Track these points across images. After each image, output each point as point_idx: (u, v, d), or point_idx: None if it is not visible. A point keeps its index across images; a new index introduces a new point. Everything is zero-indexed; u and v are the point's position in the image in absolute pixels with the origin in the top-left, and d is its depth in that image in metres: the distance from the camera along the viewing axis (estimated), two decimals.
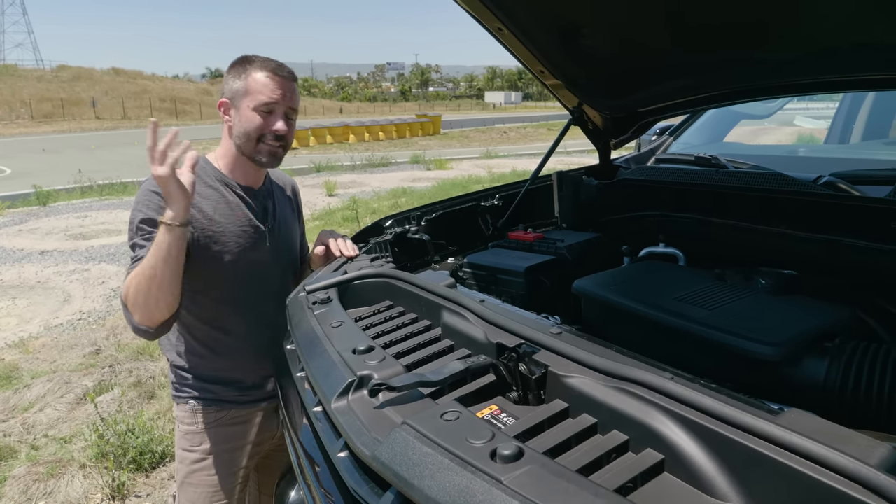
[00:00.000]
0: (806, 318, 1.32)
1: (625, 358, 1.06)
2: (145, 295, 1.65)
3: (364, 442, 0.98)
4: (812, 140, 4.73)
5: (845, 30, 1.61)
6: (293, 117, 1.90)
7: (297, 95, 1.91)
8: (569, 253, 1.99)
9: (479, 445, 0.86)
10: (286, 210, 2.11)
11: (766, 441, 0.80)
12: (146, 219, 1.77)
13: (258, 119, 1.82)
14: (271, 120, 1.83)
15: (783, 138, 5.11)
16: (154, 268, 1.63)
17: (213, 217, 1.86)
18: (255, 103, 1.81)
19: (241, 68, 1.85)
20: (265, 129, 1.83)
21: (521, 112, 65.66)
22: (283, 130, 1.84)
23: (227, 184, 1.93)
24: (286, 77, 1.86)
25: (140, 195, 1.83)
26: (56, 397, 4.36)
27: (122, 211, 11.56)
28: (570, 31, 2.05)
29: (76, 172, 15.61)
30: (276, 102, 1.82)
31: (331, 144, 26.00)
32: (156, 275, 1.63)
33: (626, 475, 0.86)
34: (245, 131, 1.84)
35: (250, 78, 1.83)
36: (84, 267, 7.87)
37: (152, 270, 1.63)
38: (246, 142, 1.85)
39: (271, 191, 2.07)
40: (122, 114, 51.33)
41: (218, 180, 1.92)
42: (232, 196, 1.92)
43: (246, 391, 2.01)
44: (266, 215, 2.00)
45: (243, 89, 1.83)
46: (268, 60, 1.86)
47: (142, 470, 3.49)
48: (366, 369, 1.14)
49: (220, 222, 1.87)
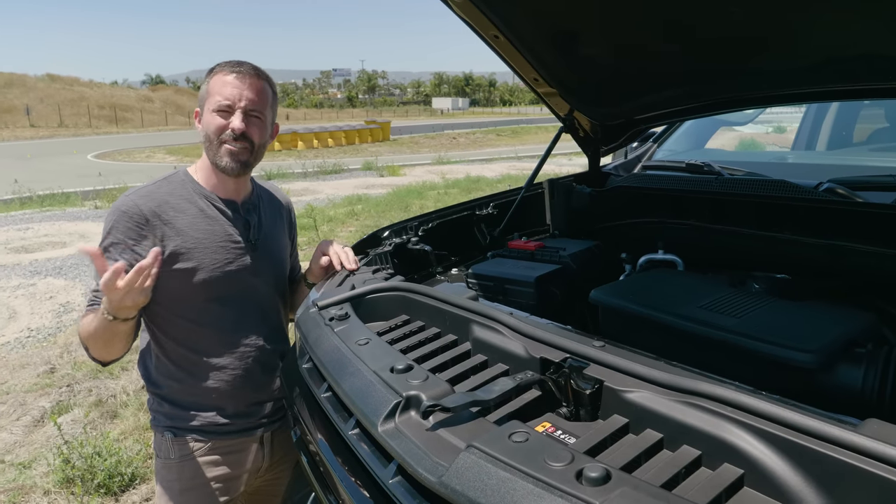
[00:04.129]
0: (835, 324, 1.33)
1: (683, 370, 1.05)
2: (97, 346, 1.74)
3: (427, 467, 0.93)
4: (754, 144, 4.86)
5: (845, 40, 1.64)
6: (258, 115, 1.79)
7: (264, 91, 1.80)
8: (573, 261, 1.98)
9: (561, 468, 0.83)
10: (275, 226, 2.02)
11: (854, 452, 0.79)
12: (117, 242, 1.73)
13: (217, 120, 1.75)
14: (229, 119, 1.75)
15: (725, 143, 5.23)
16: (97, 338, 1.71)
17: (187, 233, 1.78)
18: (213, 105, 1.75)
19: (207, 76, 1.81)
20: (223, 130, 1.75)
21: (469, 118, 66.09)
22: (240, 128, 1.74)
23: (206, 196, 1.85)
24: (245, 72, 1.77)
25: (112, 211, 1.77)
26: (11, 420, 4.13)
27: (66, 222, 11.11)
28: (567, 38, 2.06)
29: (13, 183, 14.95)
30: (232, 100, 1.74)
31: (279, 152, 25.56)
32: (102, 342, 1.72)
33: (710, 491, 0.84)
34: (206, 135, 1.78)
35: (211, 81, 1.78)
36: (29, 281, 7.51)
37: (95, 338, 1.71)
38: (209, 146, 1.79)
39: (258, 205, 1.98)
40: (59, 121, 49.53)
41: (196, 193, 1.84)
42: (211, 209, 1.84)
43: (228, 419, 1.90)
44: (249, 229, 1.91)
45: (206, 94, 1.78)
46: (229, 62, 1.80)
47: (111, 494, 3.33)
48: (410, 389, 1.10)
49: (196, 237, 1.79)
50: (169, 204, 1.79)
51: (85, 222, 10.98)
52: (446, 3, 1.97)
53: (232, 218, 1.87)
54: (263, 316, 1.94)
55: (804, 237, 1.77)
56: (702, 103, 2.14)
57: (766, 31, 1.70)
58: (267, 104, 1.81)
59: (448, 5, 1.99)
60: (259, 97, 1.78)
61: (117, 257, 1.67)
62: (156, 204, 1.77)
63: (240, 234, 1.87)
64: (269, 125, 1.85)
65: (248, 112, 1.76)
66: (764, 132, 5.16)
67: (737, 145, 4.78)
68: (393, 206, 11.85)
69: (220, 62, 1.81)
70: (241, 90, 1.74)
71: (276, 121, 1.92)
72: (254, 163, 1.85)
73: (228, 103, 1.74)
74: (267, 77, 1.83)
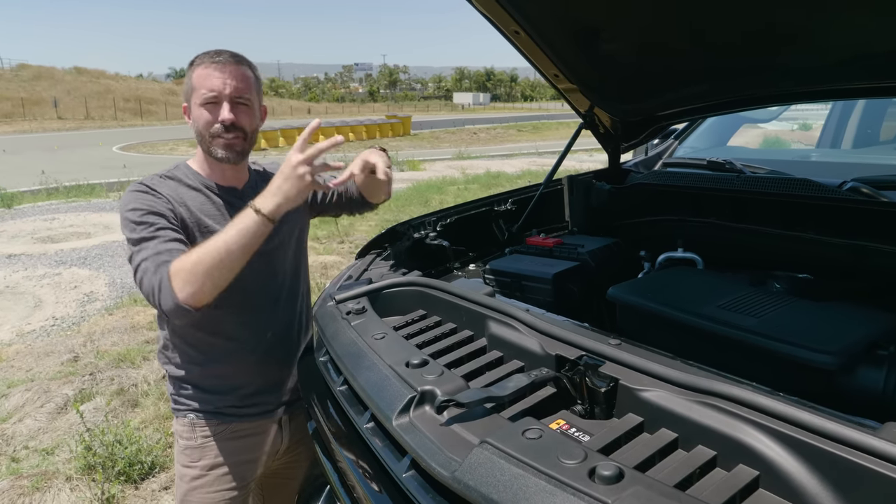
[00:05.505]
0: (856, 325, 1.32)
1: (700, 370, 1.04)
2: (210, 272, 1.57)
3: (440, 462, 0.94)
4: (778, 142, 4.79)
5: (869, 37, 1.61)
6: (245, 102, 1.77)
7: (247, 77, 1.78)
8: (591, 258, 1.97)
9: (574, 465, 0.83)
10: None
11: (873, 456, 0.78)
12: (151, 211, 1.70)
13: (206, 114, 1.74)
14: (217, 111, 1.74)
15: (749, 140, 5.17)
16: (231, 252, 1.57)
17: (200, 218, 1.80)
18: (200, 99, 1.74)
19: (189, 69, 1.79)
20: (214, 123, 1.74)
21: (489, 113, 65.89)
22: (229, 119, 1.73)
23: (208, 186, 1.86)
24: (224, 61, 1.75)
25: (127, 197, 1.75)
26: (35, 407, 4.21)
27: (91, 213, 11.27)
28: (589, 34, 2.04)
29: (39, 174, 15.19)
30: (217, 90, 1.73)
31: None
32: (232, 258, 1.57)
33: (725, 492, 0.84)
34: (198, 130, 1.78)
35: (193, 75, 1.76)
36: (55, 271, 7.63)
37: (228, 253, 1.56)
38: (202, 140, 1.79)
39: (257, 190, 1.96)
40: (86, 114, 50.20)
41: (200, 183, 1.85)
42: (215, 198, 1.86)
43: (247, 400, 1.92)
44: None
45: (190, 88, 1.77)
46: (207, 52, 1.78)
47: (131, 481, 3.38)
48: (425, 384, 1.11)
49: (208, 224, 1.80)
50: (179, 191, 1.80)
51: (109, 213, 11.12)
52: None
53: (237, 205, 1.84)
54: (279, 296, 1.94)
55: (827, 237, 1.74)
56: (724, 100, 2.11)
57: (790, 28, 1.68)
58: (252, 89, 1.80)
59: (469, 1, 1.98)
60: (243, 83, 1.76)
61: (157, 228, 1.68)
62: (169, 189, 1.79)
63: None
64: (256, 109, 1.84)
65: (234, 100, 1.75)
66: (789, 129, 5.09)
67: (761, 142, 4.72)
68: (413, 201, 11.86)
69: (199, 54, 1.78)
70: (224, 79, 1.73)
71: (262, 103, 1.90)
72: (249, 149, 1.85)
73: (214, 94, 1.73)
74: (248, 62, 1.82)
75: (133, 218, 1.69)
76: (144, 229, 1.68)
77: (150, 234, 1.67)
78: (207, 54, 1.76)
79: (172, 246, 1.65)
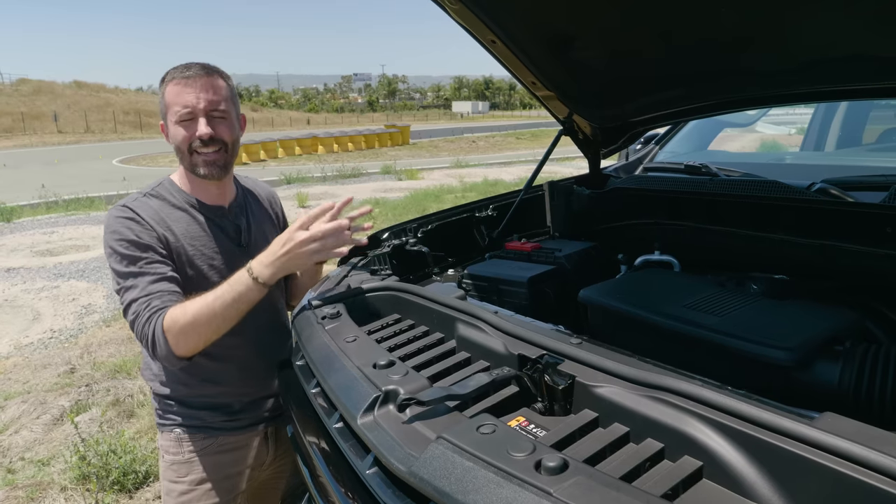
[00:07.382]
0: (815, 322, 1.34)
1: (653, 367, 1.07)
2: (202, 331, 1.61)
3: (398, 458, 0.97)
4: (775, 146, 4.83)
5: (838, 41, 1.65)
6: (221, 114, 1.74)
7: (219, 88, 1.74)
8: (567, 262, 2.00)
9: (522, 458, 0.86)
10: (265, 225, 2.00)
11: (807, 445, 0.81)
12: (138, 243, 1.68)
13: (181, 131, 1.71)
14: (194, 126, 1.71)
15: (746, 145, 5.21)
16: (225, 314, 1.60)
17: (185, 239, 1.77)
18: (175, 117, 1.71)
19: (161, 86, 1.76)
20: (191, 139, 1.71)
21: (488, 121, 65.96)
22: (206, 133, 1.70)
23: (192, 204, 1.83)
24: (195, 75, 1.70)
25: (113, 224, 1.71)
26: (31, 418, 4.24)
27: (90, 226, 11.31)
28: (563, 42, 2.08)
29: (39, 188, 15.27)
30: (191, 106, 1.69)
31: (300, 156, 25.86)
32: (225, 319, 1.61)
33: (668, 483, 0.87)
34: (177, 147, 1.75)
35: (166, 92, 1.73)
36: (53, 284, 7.67)
37: (223, 315, 1.60)
38: (182, 157, 1.76)
39: (244, 207, 1.96)
40: (86, 127, 50.37)
41: (185, 202, 1.82)
42: (200, 217, 1.83)
43: (235, 416, 1.92)
44: (241, 233, 1.90)
45: (165, 106, 1.74)
46: (177, 67, 1.74)
47: (125, 491, 3.41)
48: (390, 384, 1.14)
49: (193, 245, 1.79)
50: (164, 213, 1.77)
51: None
52: (442, 7, 2.00)
53: (222, 224, 1.86)
54: (263, 314, 1.95)
55: (796, 237, 1.77)
56: (698, 105, 2.15)
57: (756, 32, 1.71)
58: (226, 99, 1.76)
59: (445, 10, 2.02)
60: (217, 95, 1.73)
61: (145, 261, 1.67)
62: (153, 212, 1.76)
63: (231, 239, 1.87)
64: (235, 119, 1.80)
65: (210, 114, 1.72)
66: (786, 134, 5.12)
67: (758, 147, 4.77)
68: (410, 210, 11.91)
69: (170, 69, 1.74)
70: (196, 94, 1.70)
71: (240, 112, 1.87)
72: (232, 161, 1.82)
73: (189, 110, 1.70)
74: (219, 71, 1.78)
75: (119, 249, 1.67)
76: (131, 264, 1.66)
77: (139, 270, 1.65)
78: (177, 69, 1.73)
79: (163, 287, 1.65)
